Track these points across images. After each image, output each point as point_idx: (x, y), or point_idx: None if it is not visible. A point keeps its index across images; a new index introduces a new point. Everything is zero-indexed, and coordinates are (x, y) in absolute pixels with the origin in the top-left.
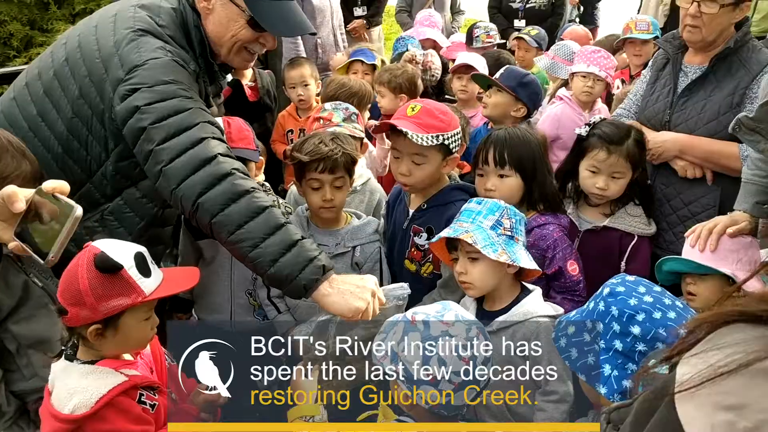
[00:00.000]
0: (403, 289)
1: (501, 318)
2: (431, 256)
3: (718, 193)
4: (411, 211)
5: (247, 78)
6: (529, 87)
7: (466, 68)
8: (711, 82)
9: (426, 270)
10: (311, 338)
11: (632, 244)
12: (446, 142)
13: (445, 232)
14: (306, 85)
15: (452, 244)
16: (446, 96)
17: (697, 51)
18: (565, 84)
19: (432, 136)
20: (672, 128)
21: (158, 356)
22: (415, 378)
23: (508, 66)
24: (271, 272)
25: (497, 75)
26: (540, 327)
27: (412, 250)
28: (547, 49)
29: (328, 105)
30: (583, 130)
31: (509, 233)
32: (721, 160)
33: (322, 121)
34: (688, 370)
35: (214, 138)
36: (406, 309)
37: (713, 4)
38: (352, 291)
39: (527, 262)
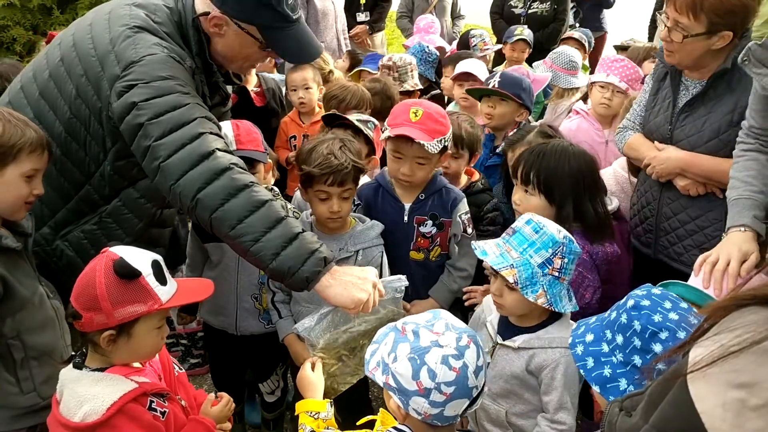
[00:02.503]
0: (400, 281)
1: (525, 337)
2: (438, 239)
3: (723, 208)
4: (408, 205)
5: (252, 84)
6: (529, 90)
7: (467, 75)
8: (711, 98)
9: (434, 254)
10: (314, 331)
11: None
12: (446, 144)
13: (491, 255)
14: (307, 89)
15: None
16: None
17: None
18: (585, 98)
19: (437, 141)
20: (674, 144)
21: (166, 364)
22: (405, 388)
23: (502, 72)
24: (273, 266)
25: (495, 83)
26: (561, 357)
27: (419, 240)
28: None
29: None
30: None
31: (556, 273)
32: (723, 178)
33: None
34: (700, 352)
35: (211, 133)
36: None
37: (677, 34)
38: (353, 282)
39: (566, 304)
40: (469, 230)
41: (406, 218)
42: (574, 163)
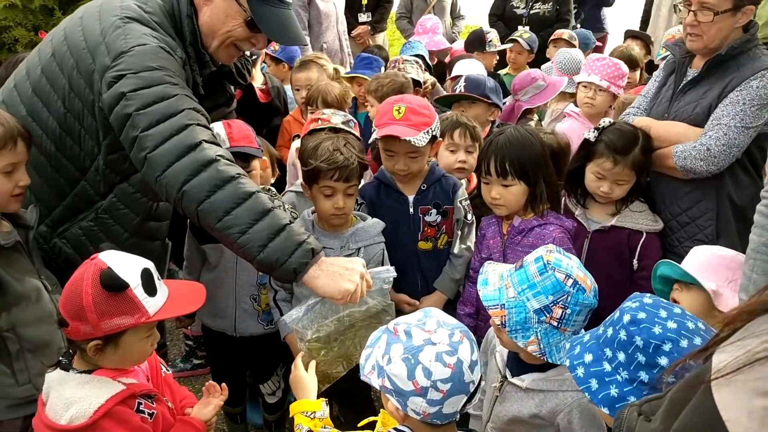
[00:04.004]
0: (388, 272)
1: (534, 377)
2: (444, 227)
3: (714, 197)
4: (411, 197)
5: (258, 82)
6: (495, 88)
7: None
8: (704, 86)
9: (442, 242)
10: (302, 321)
11: (642, 241)
12: (434, 133)
13: (489, 287)
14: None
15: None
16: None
17: (704, 57)
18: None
19: (424, 134)
20: None
21: (154, 364)
22: (402, 389)
23: (466, 77)
24: (261, 258)
25: (461, 88)
26: (575, 401)
27: (426, 229)
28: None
29: (327, 111)
30: (592, 135)
31: (555, 323)
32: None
33: (320, 122)
34: (724, 358)
35: (198, 125)
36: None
37: (708, 12)
38: (341, 273)
39: (562, 357)
40: (470, 216)
41: (411, 210)
42: (535, 142)
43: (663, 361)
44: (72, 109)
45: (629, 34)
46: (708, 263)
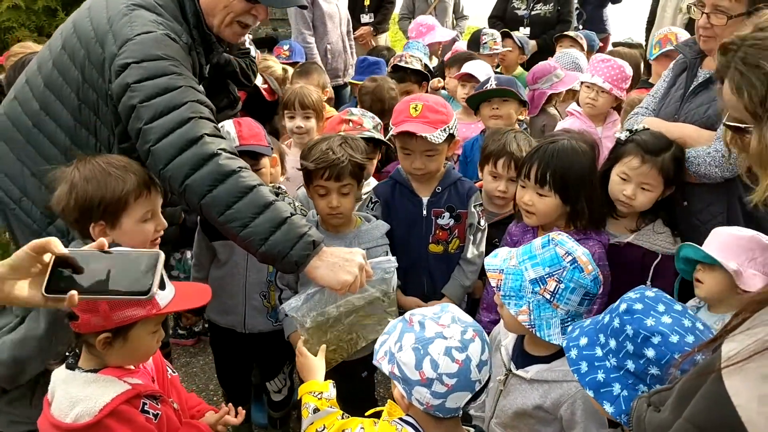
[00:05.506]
0: (390, 262)
1: (538, 368)
2: (456, 231)
3: (725, 200)
4: (425, 198)
5: (258, 81)
6: (521, 87)
7: (469, 77)
8: (716, 86)
9: (453, 246)
10: (301, 310)
11: (656, 263)
12: (452, 132)
13: (497, 259)
14: None
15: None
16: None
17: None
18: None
19: (441, 131)
20: None
21: (159, 366)
22: (408, 378)
23: (495, 76)
24: (263, 250)
25: (493, 85)
26: (578, 392)
27: (437, 232)
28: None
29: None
30: (623, 135)
31: (548, 296)
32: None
33: (351, 124)
34: (734, 346)
35: (201, 118)
36: (426, 283)
37: (722, 16)
38: (340, 264)
39: (554, 334)
40: (482, 222)
41: (424, 212)
42: (585, 160)
43: (650, 352)
44: (87, 100)
45: (616, 46)
46: (728, 244)
